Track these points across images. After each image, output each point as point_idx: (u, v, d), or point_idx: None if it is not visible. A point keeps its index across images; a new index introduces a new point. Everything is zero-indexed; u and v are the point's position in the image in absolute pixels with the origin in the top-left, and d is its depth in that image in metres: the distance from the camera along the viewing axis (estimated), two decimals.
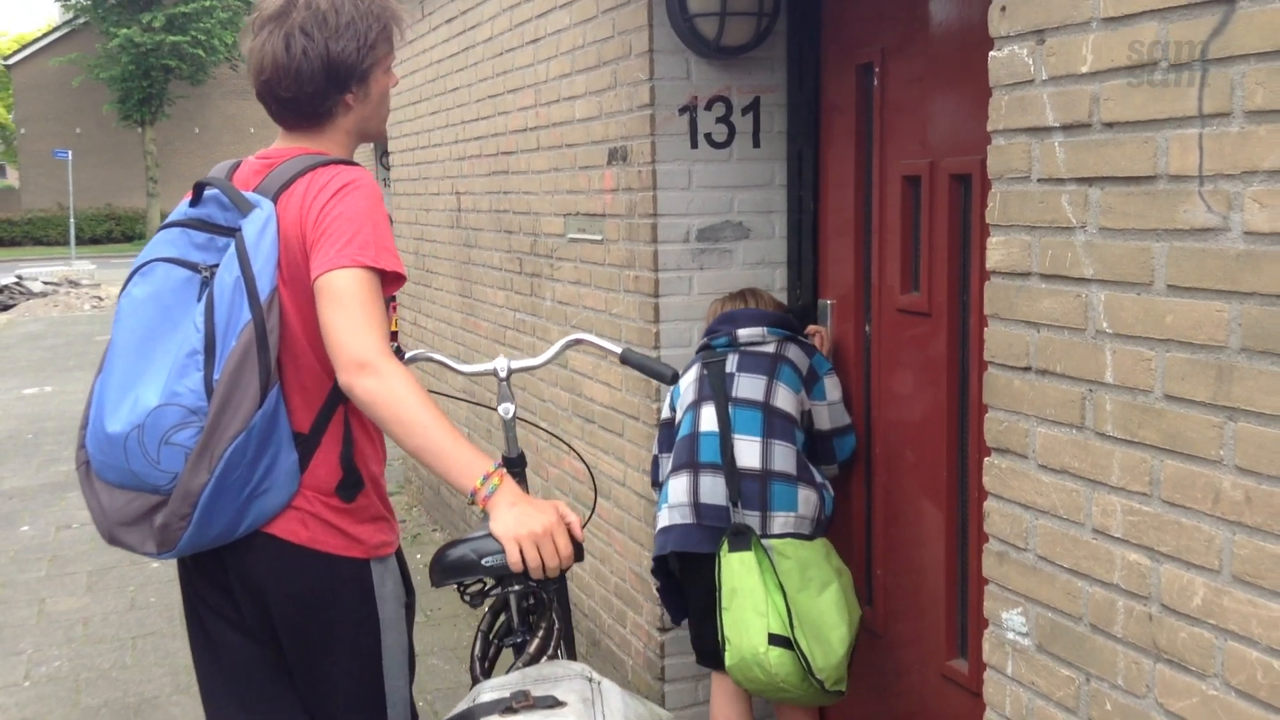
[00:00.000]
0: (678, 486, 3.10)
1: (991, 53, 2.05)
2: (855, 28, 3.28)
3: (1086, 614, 1.93)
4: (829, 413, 3.20)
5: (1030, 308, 2.01)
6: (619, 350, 2.90)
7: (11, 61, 44.44)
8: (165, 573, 5.59)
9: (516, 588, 2.15)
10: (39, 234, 40.69)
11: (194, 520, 2.04)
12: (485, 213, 5.02)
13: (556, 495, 4.41)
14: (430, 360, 2.96)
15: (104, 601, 5.25)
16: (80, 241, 39.76)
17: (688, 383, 3.18)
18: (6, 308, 19.08)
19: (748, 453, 3.01)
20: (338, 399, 2.15)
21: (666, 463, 3.23)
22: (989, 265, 2.10)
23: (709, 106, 3.48)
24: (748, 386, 3.08)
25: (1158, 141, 1.74)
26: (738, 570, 2.88)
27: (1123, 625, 1.86)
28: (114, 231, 41.60)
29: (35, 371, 12.26)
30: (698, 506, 3.04)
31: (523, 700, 1.85)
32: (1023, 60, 1.98)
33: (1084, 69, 1.86)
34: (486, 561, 2.01)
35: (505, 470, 2.01)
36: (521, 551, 1.96)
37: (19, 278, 21.50)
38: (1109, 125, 1.82)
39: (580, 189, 3.96)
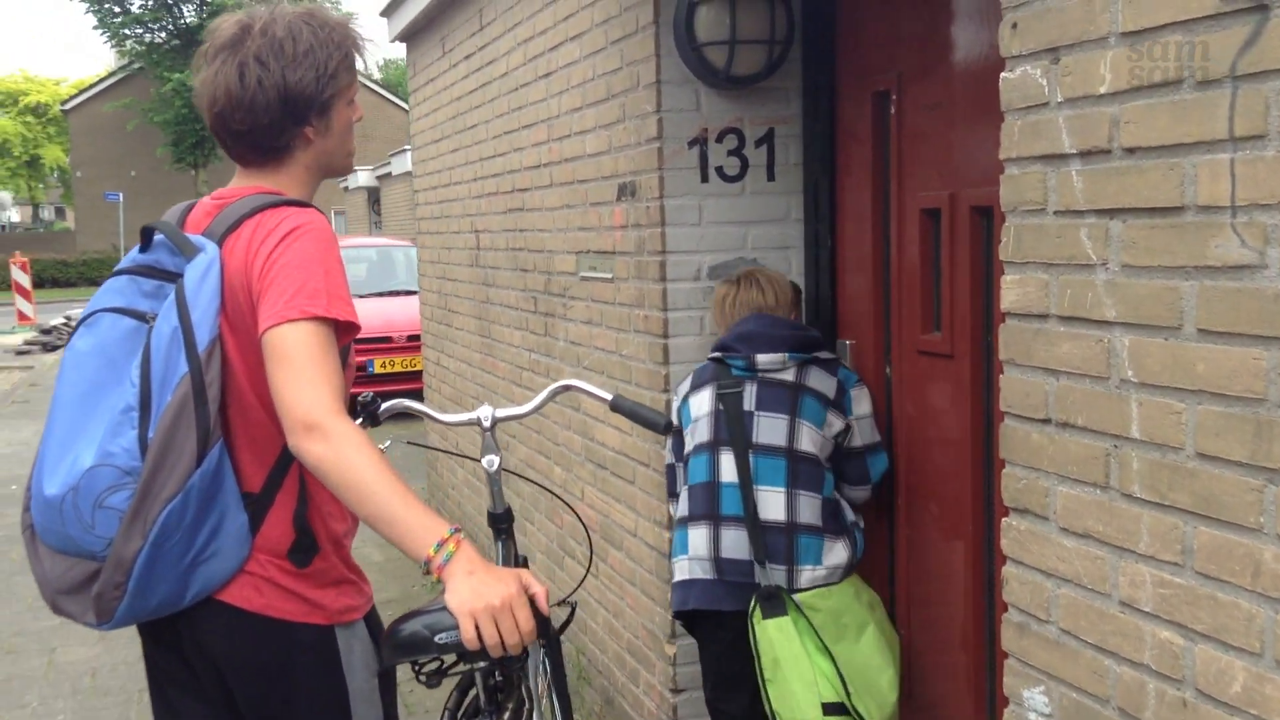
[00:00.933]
0: (698, 538, 2.93)
1: (1003, 74, 1.88)
2: (871, 53, 3.11)
3: (1114, 696, 1.72)
4: (857, 428, 2.96)
5: (1048, 353, 1.81)
6: (609, 397, 2.73)
7: (68, 106, 45.41)
8: None
9: (482, 664, 1.94)
10: (93, 275, 41.24)
11: (129, 589, 1.88)
12: (502, 251, 4.89)
13: (571, 545, 4.23)
14: (409, 410, 2.80)
15: (114, 652, 5.12)
16: None
17: (701, 411, 2.96)
18: (54, 348, 19.27)
19: (772, 505, 2.84)
20: (292, 455, 1.97)
21: (680, 473, 3.05)
22: (1003, 306, 1.91)
23: (720, 139, 3.32)
24: (769, 430, 2.88)
25: (1185, 168, 1.55)
26: (776, 639, 2.71)
27: (1154, 711, 1.65)
28: None
29: None
30: (719, 561, 2.88)
31: None
32: (1036, 81, 1.80)
33: (1102, 89, 1.67)
34: (440, 638, 1.78)
35: (462, 536, 1.83)
36: (479, 627, 1.76)
37: (67, 318, 21.72)
38: (1130, 151, 1.63)
39: (592, 226, 3.81)
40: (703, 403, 2.97)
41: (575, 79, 3.86)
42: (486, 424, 2.60)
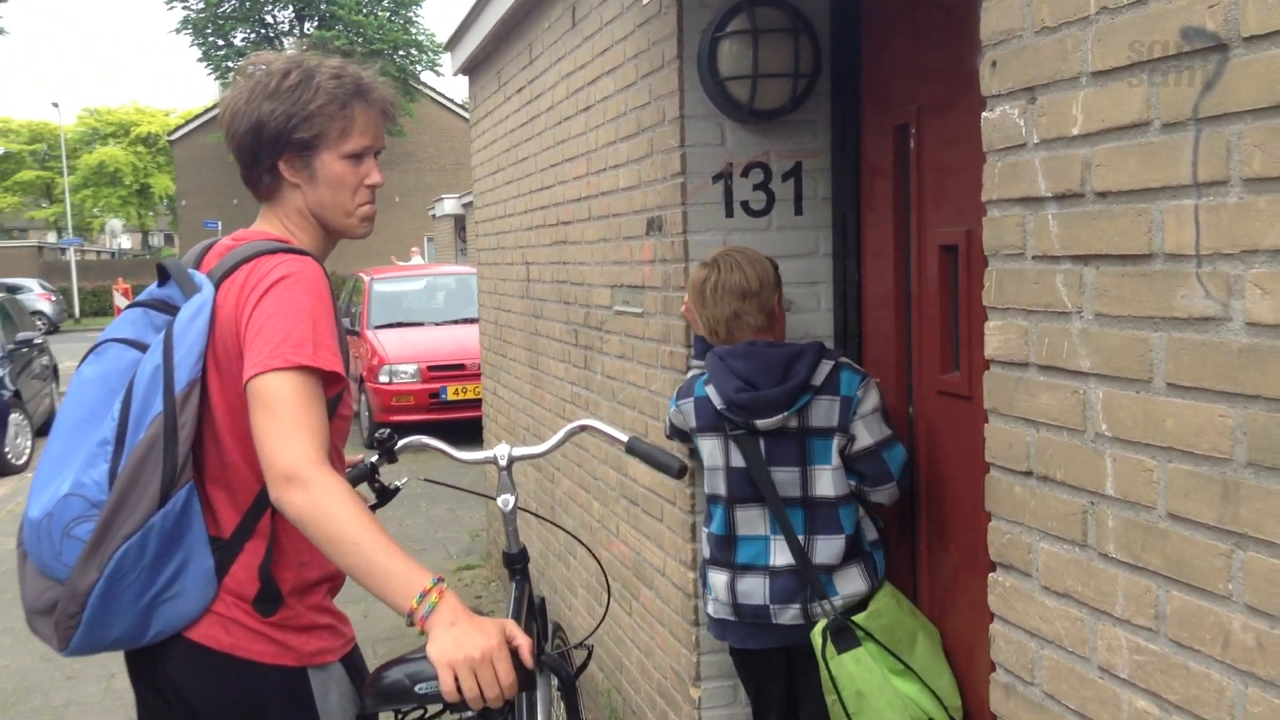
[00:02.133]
0: (718, 583, 2.92)
1: (984, 113, 1.81)
2: (893, 86, 3.05)
3: None
4: (864, 426, 2.78)
5: (1029, 403, 1.74)
6: (625, 439, 2.70)
7: (174, 137, 46.92)
8: None
9: (469, 714, 1.93)
10: None
11: (84, 620, 1.90)
12: (548, 283, 4.90)
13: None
14: (426, 448, 2.80)
15: None
16: None
17: (715, 462, 2.89)
18: None
19: (790, 552, 2.81)
20: (266, 502, 1.97)
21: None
22: (987, 353, 1.85)
23: (746, 173, 3.27)
24: (784, 483, 2.81)
25: (1152, 214, 1.48)
26: (856, 671, 2.66)
27: None
28: None
29: None
30: (737, 606, 2.88)
31: None
32: (1014, 121, 1.74)
33: (1075, 130, 1.61)
34: (420, 688, 1.78)
35: (445, 586, 1.81)
36: (459, 678, 1.73)
37: None
38: (1101, 195, 1.57)
39: (625, 260, 3.79)
40: (715, 452, 2.89)
41: (610, 113, 3.86)
42: (503, 463, 2.59)
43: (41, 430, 12.94)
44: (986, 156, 1.81)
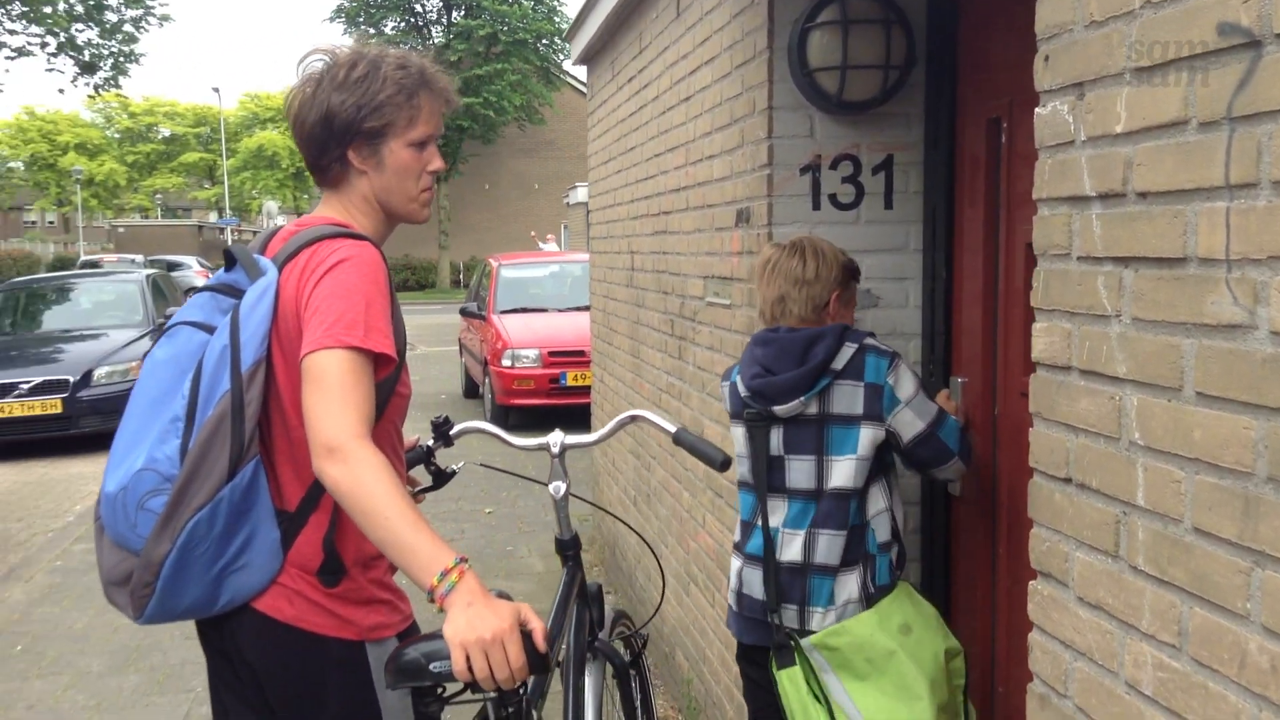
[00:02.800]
0: (733, 569, 2.92)
1: (1036, 109, 1.77)
2: (988, 78, 2.98)
3: None
4: (912, 414, 2.67)
5: (1070, 408, 1.70)
6: (673, 430, 2.70)
7: None
8: None
9: (492, 695, 1.97)
10: None
11: (157, 590, 2.01)
12: (649, 273, 4.92)
13: (695, 571, 4.21)
14: (480, 432, 2.85)
15: None
16: None
17: (740, 449, 2.86)
18: None
19: (793, 547, 2.73)
20: None
21: None
22: (1034, 355, 1.80)
23: (835, 165, 3.24)
24: (799, 473, 2.74)
25: (1187, 216, 1.42)
26: (789, 690, 2.66)
27: None
28: (409, 280, 44.33)
29: None
30: (740, 595, 2.87)
31: None
32: (1064, 118, 1.69)
33: (1118, 128, 1.55)
34: (435, 667, 1.84)
35: (467, 567, 1.85)
36: (470, 659, 1.78)
37: None
38: (1142, 195, 1.51)
39: (716, 251, 3.79)
40: (738, 438, 2.87)
41: (708, 103, 3.86)
42: (555, 450, 2.63)
43: None
44: (1039, 154, 1.77)
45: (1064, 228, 1.70)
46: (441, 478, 2.67)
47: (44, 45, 23.12)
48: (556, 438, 2.63)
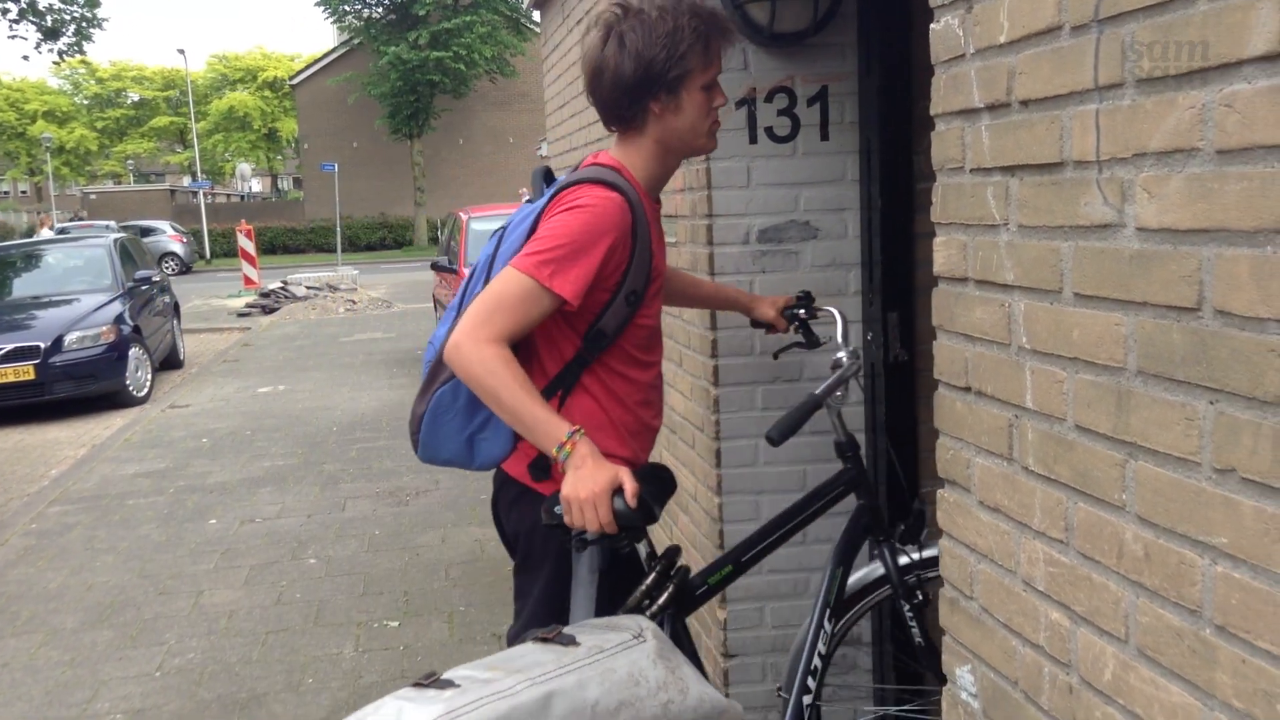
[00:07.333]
0: None
1: (931, 25, 1.79)
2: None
3: (1021, 678, 1.65)
4: None
5: (966, 319, 1.73)
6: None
7: (296, 81, 47.96)
8: (318, 570, 5.80)
9: (594, 537, 2.24)
10: (320, 242, 43.61)
11: (420, 439, 2.42)
12: None
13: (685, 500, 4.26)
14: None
15: (255, 595, 5.48)
16: (356, 249, 42.42)
17: None
18: (272, 310, 20.53)
19: None
20: (566, 378, 2.37)
21: None
22: (935, 270, 1.83)
23: (770, 98, 3.25)
24: None
25: (1063, 121, 1.45)
26: None
27: (1048, 696, 1.57)
28: (386, 239, 44.10)
29: (275, 371, 13.06)
30: None
31: (552, 633, 1.96)
32: (955, 31, 1.71)
33: (1002, 38, 1.58)
34: (556, 510, 2.20)
35: (580, 436, 2.14)
36: (572, 511, 2.13)
37: (284, 283, 23.09)
38: (1024, 104, 1.54)
39: (669, 189, 3.80)
40: None
41: None
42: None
43: (163, 365, 13.55)
44: (934, 70, 1.79)
45: (957, 141, 1.72)
46: (811, 336, 3.01)
47: (5, 11, 22.80)
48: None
